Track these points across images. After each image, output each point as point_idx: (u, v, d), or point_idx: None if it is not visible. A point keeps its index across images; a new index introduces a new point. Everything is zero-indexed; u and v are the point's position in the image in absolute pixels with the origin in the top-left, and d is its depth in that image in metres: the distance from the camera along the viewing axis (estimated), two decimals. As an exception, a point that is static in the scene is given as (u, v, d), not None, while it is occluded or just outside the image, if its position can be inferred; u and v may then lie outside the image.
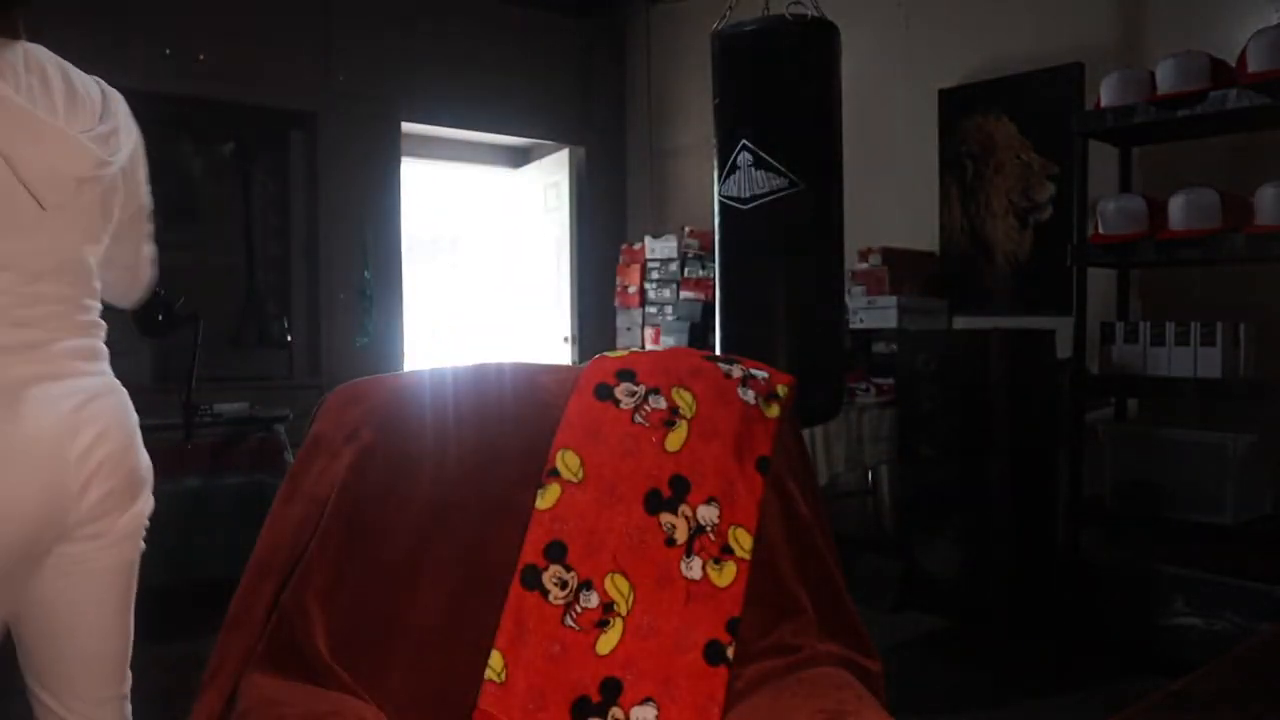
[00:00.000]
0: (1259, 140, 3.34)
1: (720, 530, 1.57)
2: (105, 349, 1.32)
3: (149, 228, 1.45)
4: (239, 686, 1.41)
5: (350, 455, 1.59)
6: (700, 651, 1.49)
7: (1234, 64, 3.06)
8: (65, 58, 1.23)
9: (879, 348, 4.15)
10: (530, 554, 1.54)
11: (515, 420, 1.69)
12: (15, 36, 1.21)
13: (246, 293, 4.76)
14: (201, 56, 4.47)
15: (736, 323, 3.10)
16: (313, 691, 1.39)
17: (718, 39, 3.12)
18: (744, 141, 2.97)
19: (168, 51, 4.39)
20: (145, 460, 1.34)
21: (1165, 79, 3.14)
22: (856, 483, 4.10)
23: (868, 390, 3.90)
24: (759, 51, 3.01)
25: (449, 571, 1.55)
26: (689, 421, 1.65)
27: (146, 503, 1.35)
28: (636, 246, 5.38)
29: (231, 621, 1.50)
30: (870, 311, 4.14)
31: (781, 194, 2.93)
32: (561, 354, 5.73)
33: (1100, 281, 3.50)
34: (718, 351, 3.04)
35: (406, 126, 5.29)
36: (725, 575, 1.54)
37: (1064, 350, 3.49)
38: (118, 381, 1.32)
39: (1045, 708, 2.87)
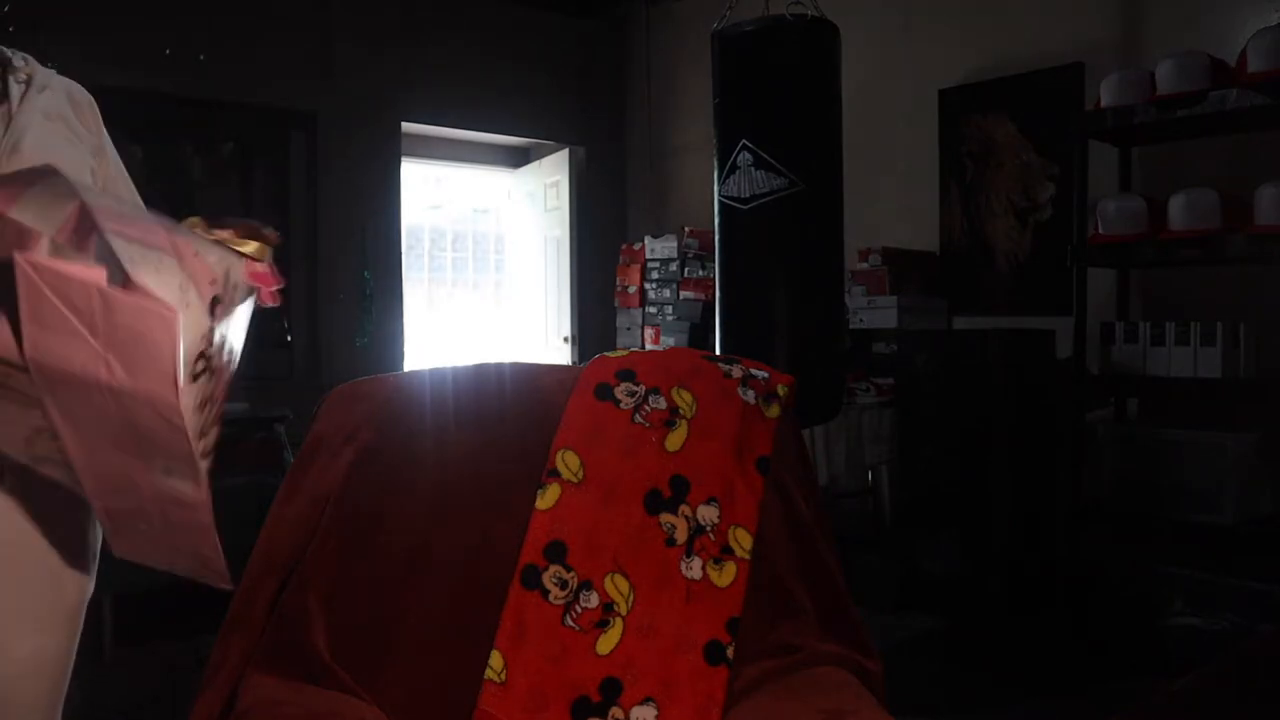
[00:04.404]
0: (1259, 140, 3.34)
1: (720, 530, 1.57)
2: None
3: None
4: (239, 686, 1.41)
5: (350, 455, 1.59)
6: (700, 651, 1.49)
7: (1234, 64, 3.06)
8: (65, 57, 1.22)
9: (879, 348, 4.16)
10: (530, 554, 1.54)
11: (515, 420, 1.69)
12: None
13: (246, 293, 4.76)
14: (202, 56, 4.47)
15: (736, 322, 3.10)
16: (313, 691, 1.39)
17: (718, 39, 3.12)
18: (744, 141, 2.97)
19: (168, 51, 4.39)
20: None
21: (1165, 79, 3.14)
22: (856, 483, 4.10)
23: (868, 390, 3.90)
24: (759, 51, 3.01)
25: (449, 571, 1.55)
26: (689, 421, 1.65)
27: None
28: (636, 246, 5.38)
29: (231, 621, 1.50)
30: (870, 311, 4.14)
31: (781, 194, 2.94)
32: (561, 354, 5.73)
33: (1100, 281, 3.50)
34: (718, 351, 3.04)
35: (406, 126, 5.30)
36: (725, 575, 1.54)
37: (1064, 350, 3.49)
38: None
39: (1045, 708, 2.86)
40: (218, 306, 0.98)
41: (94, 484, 0.99)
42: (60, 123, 1.16)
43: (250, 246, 1.08)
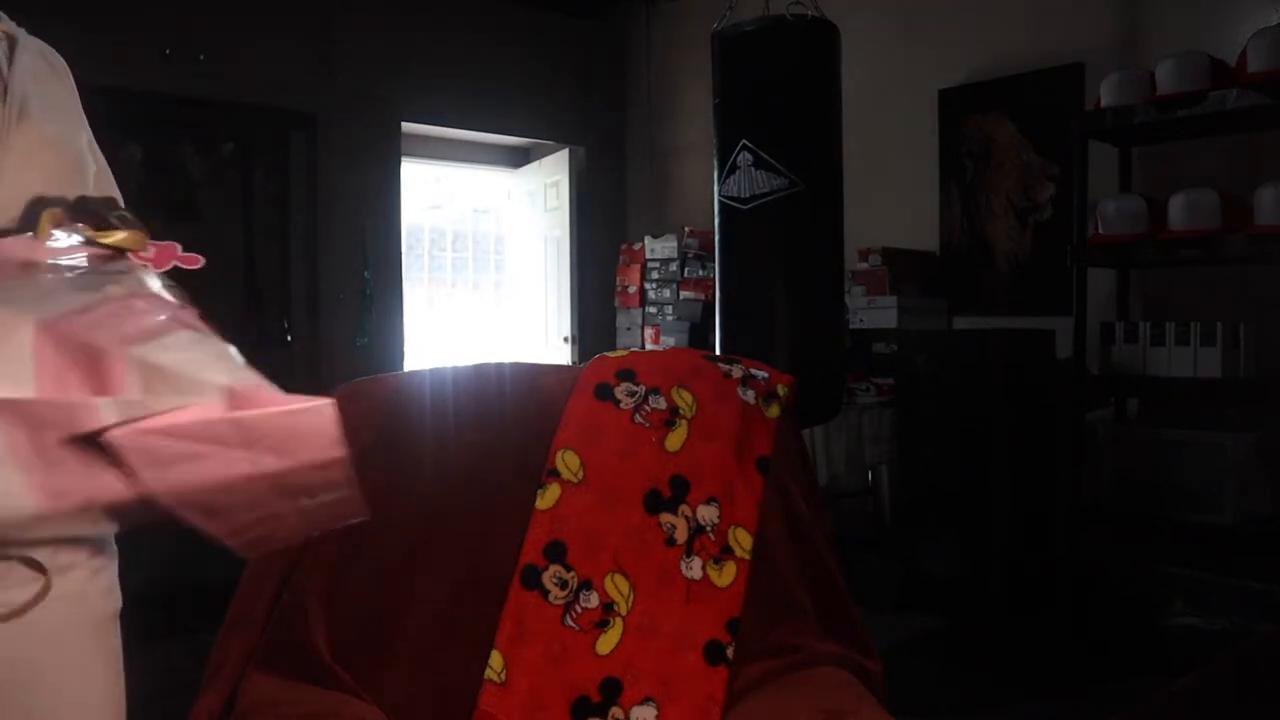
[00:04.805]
0: (1259, 140, 3.34)
1: (720, 530, 1.57)
2: None
3: None
4: (239, 686, 1.41)
5: (350, 455, 1.59)
6: (700, 651, 1.49)
7: (1234, 64, 3.06)
8: (64, 57, 1.19)
9: (879, 348, 4.15)
10: (530, 554, 1.54)
11: (515, 420, 1.69)
12: None
13: (246, 293, 4.76)
14: (201, 56, 4.47)
15: (736, 323, 3.10)
16: (313, 691, 1.39)
17: (718, 39, 3.12)
18: (744, 141, 2.97)
19: (168, 51, 4.39)
20: None
21: (1165, 79, 3.14)
22: (856, 483, 4.10)
23: (868, 390, 3.90)
24: (759, 51, 3.01)
25: (449, 571, 1.55)
26: (689, 421, 1.65)
27: None
28: (636, 246, 5.38)
29: (231, 621, 1.50)
30: (870, 311, 4.14)
31: (781, 194, 2.94)
32: (561, 354, 5.73)
33: (1100, 281, 3.50)
34: (718, 351, 3.04)
35: (406, 126, 5.29)
36: (725, 575, 1.54)
37: (1064, 350, 3.49)
38: None
39: (1045, 708, 2.86)
40: None
41: (221, 530, 0.87)
42: (48, 87, 1.07)
43: (115, 237, 0.95)
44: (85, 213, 0.93)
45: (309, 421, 0.80)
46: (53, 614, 1.06)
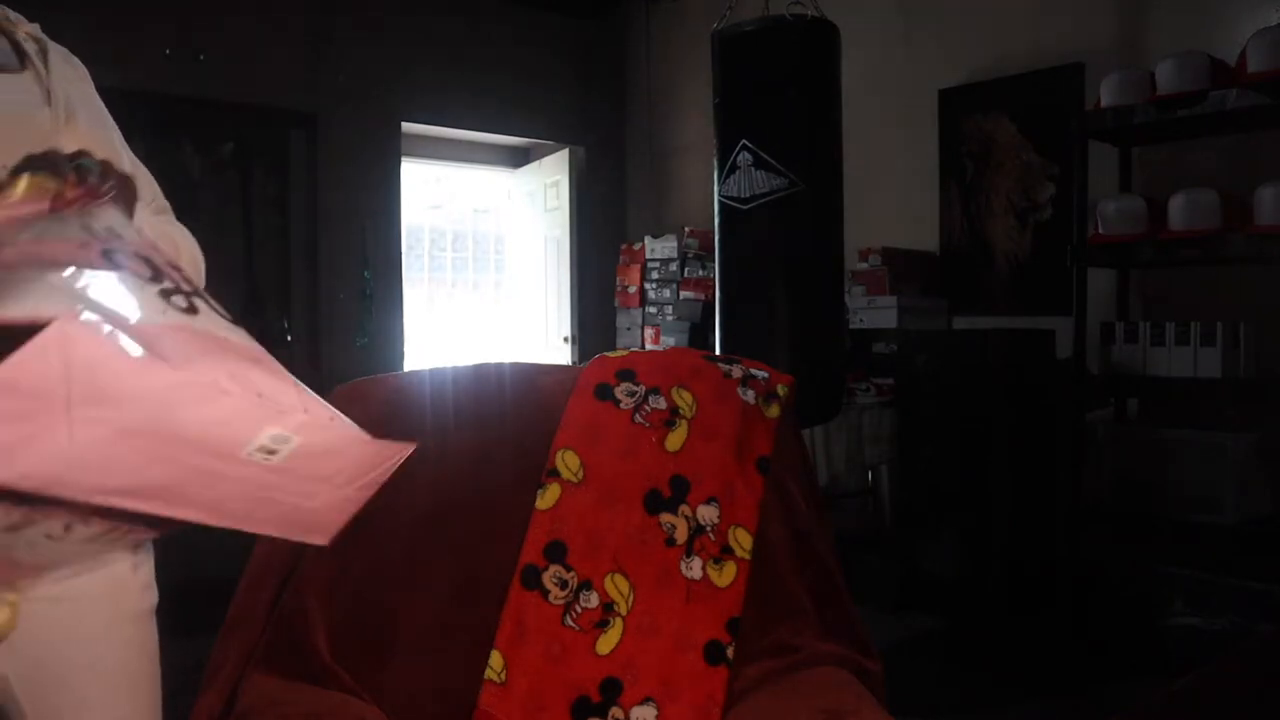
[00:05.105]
0: (1259, 140, 3.34)
1: (720, 530, 1.57)
2: None
3: None
4: (239, 686, 1.41)
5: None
6: (700, 651, 1.49)
7: (1234, 64, 3.06)
8: None
9: (879, 348, 4.15)
10: (530, 554, 1.54)
11: (515, 420, 1.69)
12: None
13: (246, 293, 4.76)
14: (201, 56, 4.46)
15: (736, 323, 3.10)
16: (313, 691, 1.39)
17: (718, 39, 3.12)
18: (744, 141, 2.97)
19: (168, 51, 4.39)
20: None
21: (1165, 79, 3.14)
22: (856, 483, 4.10)
23: (868, 390, 3.90)
24: (759, 51, 3.01)
25: (449, 571, 1.55)
26: (689, 421, 1.65)
27: None
28: (636, 246, 5.38)
29: (231, 621, 1.50)
30: (870, 311, 4.14)
31: (781, 194, 2.94)
32: (561, 354, 5.73)
33: (1100, 281, 3.50)
34: (718, 351, 3.04)
35: (406, 126, 5.29)
36: (725, 575, 1.54)
37: (1064, 350, 3.49)
38: None
39: (1045, 708, 2.86)
40: None
41: None
42: (81, 89, 1.06)
43: (17, 187, 0.79)
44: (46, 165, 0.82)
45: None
46: (95, 607, 1.06)
